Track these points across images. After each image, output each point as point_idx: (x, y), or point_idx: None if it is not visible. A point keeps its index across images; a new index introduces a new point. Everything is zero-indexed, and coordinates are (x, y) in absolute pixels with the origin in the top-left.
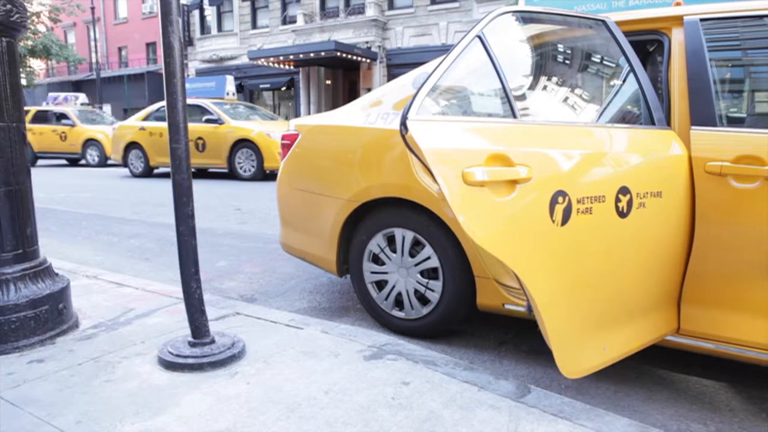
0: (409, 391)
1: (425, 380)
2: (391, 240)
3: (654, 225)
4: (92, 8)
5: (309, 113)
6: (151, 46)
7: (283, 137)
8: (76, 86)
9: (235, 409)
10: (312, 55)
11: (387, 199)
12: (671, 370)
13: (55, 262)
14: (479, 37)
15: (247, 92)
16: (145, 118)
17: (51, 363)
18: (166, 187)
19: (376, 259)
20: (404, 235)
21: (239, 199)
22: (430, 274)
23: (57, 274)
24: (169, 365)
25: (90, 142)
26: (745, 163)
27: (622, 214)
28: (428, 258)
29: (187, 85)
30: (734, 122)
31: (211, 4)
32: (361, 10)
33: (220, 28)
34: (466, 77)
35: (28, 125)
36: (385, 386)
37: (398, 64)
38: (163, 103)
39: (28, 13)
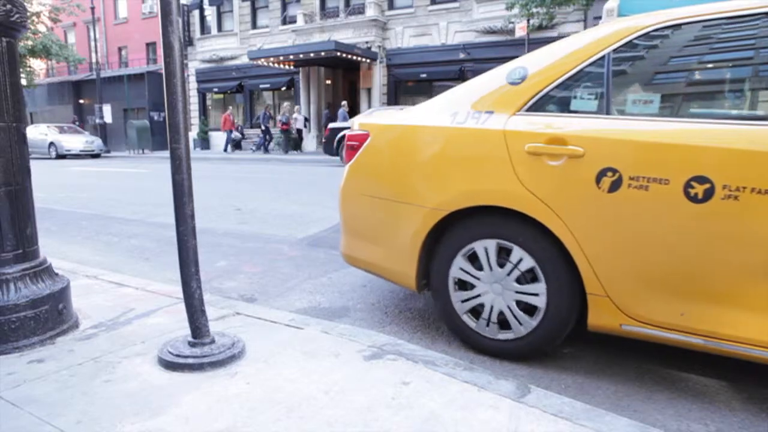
0: (409, 391)
1: (425, 380)
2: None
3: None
4: (92, 8)
5: (309, 113)
6: (151, 46)
7: (348, 138)
8: (76, 86)
9: (235, 409)
10: (312, 55)
11: (480, 208)
12: (671, 369)
13: (55, 262)
14: (606, 56)
15: (247, 92)
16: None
17: (51, 363)
18: (166, 186)
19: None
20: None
21: (239, 199)
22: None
23: (57, 274)
24: (169, 365)
25: None
26: None
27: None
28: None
29: None
30: None
31: (211, 4)
32: (361, 10)
33: (220, 28)
34: (573, 83)
35: None
36: (385, 386)
37: (398, 64)
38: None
39: (28, 13)
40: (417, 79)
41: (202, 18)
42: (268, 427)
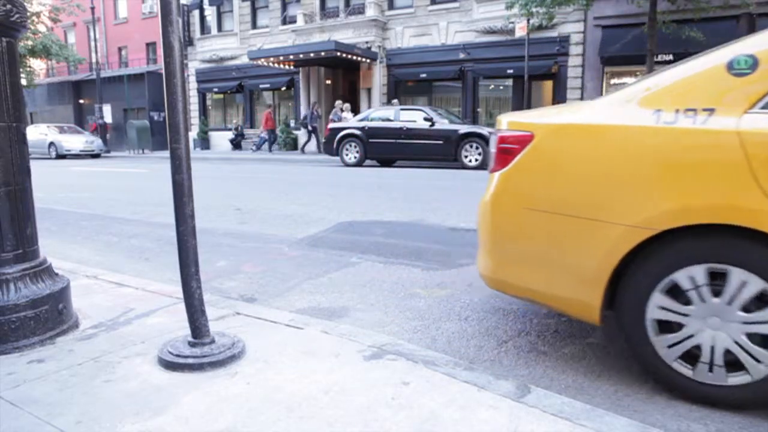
0: (409, 391)
1: (425, 380)
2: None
3: None
4: (92, 8)
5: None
6: (151, 46)
7: (501, 139)
8: (76, 86)
9: (235, 409)
10: (312, 55)
11: (702, 226)
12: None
13: (55, 262)
14: None
15: (247, 92)
16: None
17: (51, 363)
18: (166, 186)
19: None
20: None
21: (239, 199)
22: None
23: (57, 274)
24: (169, 365)
25: None
26: None
27: None
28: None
29: None
30: None
31: (211, 4)
32: (361, 10)
33: (220, 28)
34: None
35: None
36: (385, 386)
37: (398, 64)
38: None
39: (28, 13)
40: (417, 79)
41: (202, 18)
42: (268, 427)
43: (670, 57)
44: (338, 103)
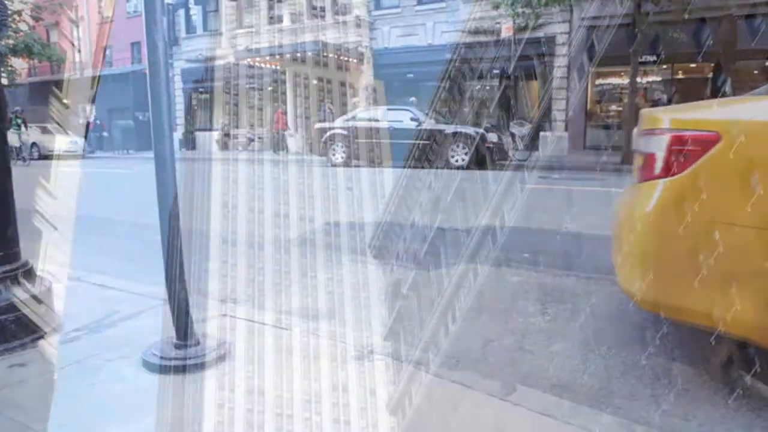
0: (396, 390)
1: (412, 379)
2: None
3: None
4: (76, 7)
5: (296, 113)
6: (135, 45)
7: (675, 140)
8: (60, 86)
9: (220, 410)
10: (299, 54)
11: None
12: (655, 367)
13: (37, 264)
14: None
15: (234, 92)
16: None
17: (33, 367)
18: (151, 187)
19: None
20: None
21: (227, 199)
22: None
23: (39, 277)
24: (153, 367)
25: None
26: None
27: None
28: None
29: None
30: None
31: (196, 3)
32: (348, 10)
33: (206, 27)
34: None
35: None
36: (373, 385)
37: (385, 64)
38: None
39: (9, 11)
40: (404, 79)
41: (188, 17)
42: (254, 427)
43: (654, 58)
44: (356, 101)
